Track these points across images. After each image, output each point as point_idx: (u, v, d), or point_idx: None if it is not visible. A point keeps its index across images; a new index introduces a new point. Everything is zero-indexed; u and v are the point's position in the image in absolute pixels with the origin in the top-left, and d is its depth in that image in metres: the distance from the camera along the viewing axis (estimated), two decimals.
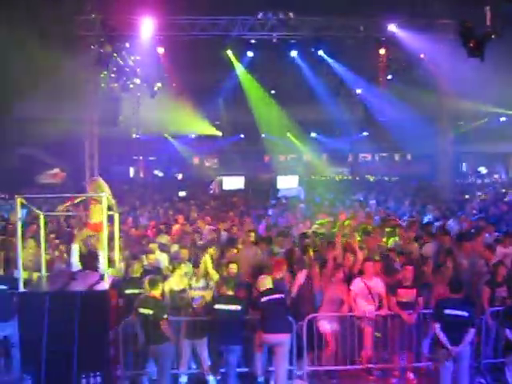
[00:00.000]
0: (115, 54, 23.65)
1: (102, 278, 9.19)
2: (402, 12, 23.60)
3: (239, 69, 30.06)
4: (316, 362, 10.10)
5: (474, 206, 20.64)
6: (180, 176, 47.02)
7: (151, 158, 45.90)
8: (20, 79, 25.10)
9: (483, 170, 47.36)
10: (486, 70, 25.09)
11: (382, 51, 25.50)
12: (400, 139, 40.51)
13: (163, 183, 39.90)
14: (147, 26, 22.38)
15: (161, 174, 47.40)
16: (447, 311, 8.71)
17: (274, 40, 23.88)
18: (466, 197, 25.40)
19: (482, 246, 12.19)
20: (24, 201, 9.15)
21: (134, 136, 38.55)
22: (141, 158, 42.86)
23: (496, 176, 44.32)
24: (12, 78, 24.82)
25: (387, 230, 14.24)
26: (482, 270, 11.22)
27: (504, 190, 28.56)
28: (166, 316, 8.83)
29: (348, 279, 10.47)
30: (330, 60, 28.50)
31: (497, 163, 46.35)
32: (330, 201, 22.98)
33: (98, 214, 9.42)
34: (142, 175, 42.59)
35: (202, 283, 10.05)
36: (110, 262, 10.19)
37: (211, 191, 32.67)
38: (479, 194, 27.18)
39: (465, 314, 8.67)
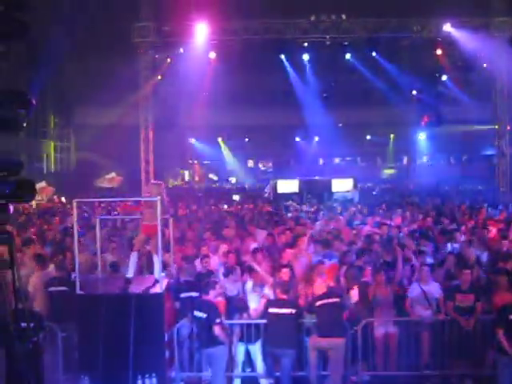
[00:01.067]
0: (170, 60, 23.97)
1: (157, 281, 9.28)
2: (458, 11, 23.20)
3: (292, 72, 29.99)
4: (372, 368, 9.98)
5: None
6: (234, 180, 47.28)
7: (205, 162, 46.33)
8: (78, 86, 25.75)
9: None
10: None
11: (438, 51, 24.98)
12: (456, 141, 39.87)
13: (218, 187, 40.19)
14: (201, 32, 22.60)
15: (215, 178, 47.74)
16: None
17: (328, 42, 23.79)
18: None
19: None
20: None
21: (188, 140, 39.02)
22: (195, 161, 43.33)
23: None
24: (71, 86, 25.47)
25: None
26: None
27: None
28: (219, 320, 8.87)
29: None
30: (383, 61, 28.20)
31: None
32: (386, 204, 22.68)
33: (152, 217, 9.49)
34: (196, 179, 43.01)
35: (258, 287, 10.07)
36: (165, 265, 10.30)
37: (266, 195, 32.69)
38: None
39: None
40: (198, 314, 9.04)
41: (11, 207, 4.96)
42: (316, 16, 23.05)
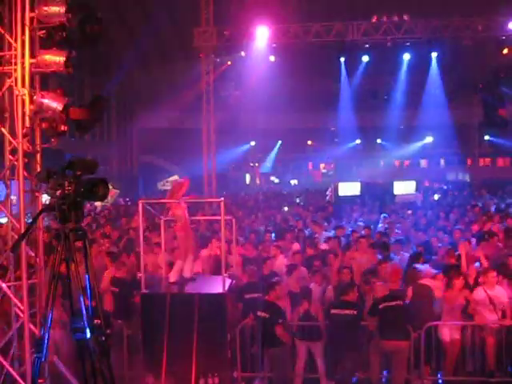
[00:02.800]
0: (231, 63, 24.23)
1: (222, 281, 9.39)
2: None
3: (353, 75, 29.87)
4: (435, 372, 9.86)
5: None
6: (295, 182, 47.25)
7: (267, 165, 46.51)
8: (142, 91, 26.27)
9: None
10: None
11: (505, 51, 24.40)
12: None
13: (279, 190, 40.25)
14: (262, 35, 22.76)
15: (277, 181, 47.83)
16: None
17: (389, 43, 23.60)
18: None
19: None
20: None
21: (250, 143, 39.27)
22: (257, 164, 43.53)
23: None
24: (135, 91, 25.99)
25: None
26: None
27: None
28: (281, 320, 8.95)
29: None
30: (441, 63, 27.83)
31: None
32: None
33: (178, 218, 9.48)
34: (258, 182, 43.19)
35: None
36: (229, 266, 10.43)
37: (327, 198, 32.57)
38: None
39: None
40: (260, 314, 9.15)
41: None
42: (377, 16, 22.92)
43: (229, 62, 24.40)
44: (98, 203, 22.32)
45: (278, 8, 22.49)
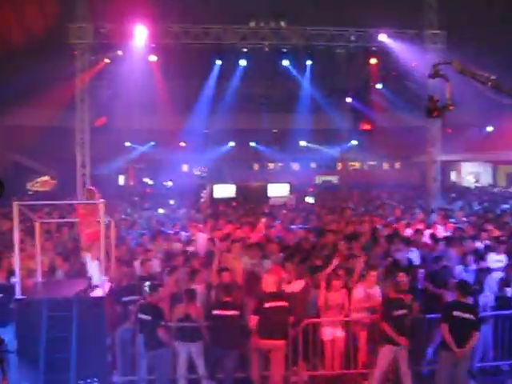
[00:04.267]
0: (107, 62, 23.70)
1: (96, 285, 9.19)
2: (393, 22, 23.92)
3: (231, 77, 30.16)
4: (312, 368, 10.18)
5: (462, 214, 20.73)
6: (169, 184, 46.95)
7: (140, 166, 45.92)
8: (11, 87, 25.09)
9: (471, 178, 47.71)
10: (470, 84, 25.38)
11: (373, 61, 25.59)
12: (389, 148, 40.85)
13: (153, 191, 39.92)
14: (140, 34, 22.46)
15: (150, 182, 47.32)
16: (456, 313, 8.92)
17: (266, 49, 24.07)
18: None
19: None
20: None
21: (125, 144, 38.58)
22: (130, 165, 42.83)
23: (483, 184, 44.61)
24: (3, 87, 24.76)
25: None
26: None
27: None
28: (163, 322, 8.92)
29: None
30: (314, 70, 28.78)
31: (484, 172, 46.72)
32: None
33: (88, 223, 9.33)
34: (131, 183, 42.53)
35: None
36: (107, 269, 10.22)
37: (202, 199, 32.66)
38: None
39: (472, 317, 8.94)
40: (142, 316, 9.06)
41: None
42: (255, 22, 23.30)
43: (106, 60, 23.81)
44: None
45: (157, 8, 22.25)
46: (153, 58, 24.47)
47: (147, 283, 9.68)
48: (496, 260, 12.09)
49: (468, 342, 8.87)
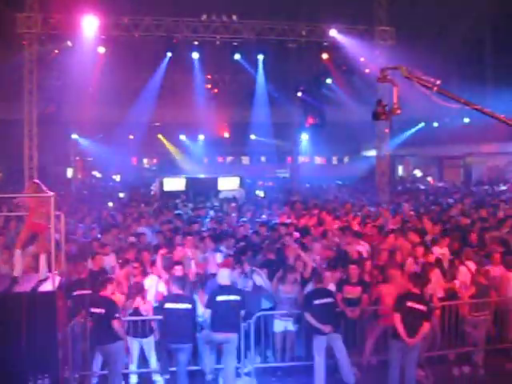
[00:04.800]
0: (56, 51, 23.25)
1: (46, 279, 9.05)
2: (344, 18, 24.20)
3: (180, 70, 29.94)
4: (263, 359, 10.31)
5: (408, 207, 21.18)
6: (118, 177, 46.59)
7: (89, 159, 45.37)
8: None
9: (418, 173, 48.75)
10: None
11: (324, 56, 25.77)
12: (339, 142, 41.32)
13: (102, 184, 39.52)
14: (90, 25, 22.10)
15: (99, 175, 46.83)
16: (409, 304, 9.12)
17: (218, 42, 24.04)
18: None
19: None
20: None
21: (72, 136, 37.97)
22: (77, 158, 42.22)
23: (429, 178, 45.64)
24: None
25: None
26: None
27: None
28: (117, 314, 8.87)
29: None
30: (267, 64, 28.87)
31: (431, 166, 47.77)
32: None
33: (39, 215, 9.17)
34: (79, 176, 41.92)
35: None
36: (56, 263, 10.08)
37: (152, 192, 32.49)
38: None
39: (422, 307, 9.15)
40: (95, 310, 8.98)
41: None
42: (207, 15, 23.22)
43: (56, 51, 23.31)
44: None
45: None
46: (101, 49, 24.08)
47: None
48: (439, 253, 12.39)
49: (418, 332, 9.06)
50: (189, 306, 9.31)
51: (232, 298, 9.45)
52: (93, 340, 9.12)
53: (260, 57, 27.42)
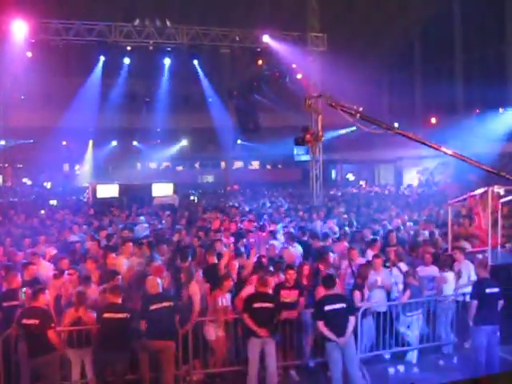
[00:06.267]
0: None
1: None
2: (277, 24, 24.44)
3: (113, 76, 29.54)
4: (203, 367, 10.26)
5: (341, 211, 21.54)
6: (49, 184, 45.63)
7: (19, 166, 44.23)
8: None
9: (351, 176, 49.62)
10: (354, 82, 26.51)
11: (260, 62, 25.90)
12: (272, 148, 41.66)
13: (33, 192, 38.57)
14: (19, 29, 21.56)
15: (29, 183, 45.73)
16: (327, 307, 9.23)
17: (151, 47, 23.87)
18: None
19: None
20: None
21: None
22: (6, 165, 40.94)
23: (362, 182, 46.52)
24: None
25: None
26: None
27: None
28: (53, 324, 8.67)
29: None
30: (201, 69, 28.89)
31: (364, 170, 48.67)
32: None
33: None
34: (9, 184, 40.72)
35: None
36: None
37: (85, 199, 31.96)
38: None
39: (343, 305, 9.31)
40: (27, 321, 8.72)
41: None
42: (140, 20, 23.02)
43: None
44: None
45: (36, 2, 21.45)
46: (29, 54, 23.51)
47: (23, 289, 9.46)
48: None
49: (346, 329, 9.23)
50: (126, 315, 9.16)
51: (164, 304, 9.40)
52: (28, 352, 8.84)
53: (195, 62, 27.35)
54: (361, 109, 8.75)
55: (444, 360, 11.00)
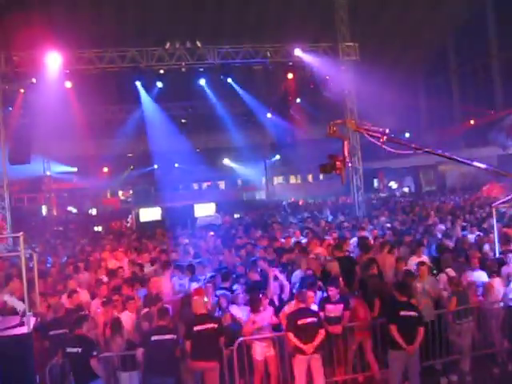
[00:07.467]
0: (22, 90, 23.01)
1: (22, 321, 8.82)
2: (306, 37, 24.37)
3: (148, 100, 29.79)
4: None
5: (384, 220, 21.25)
6: (94, 211, 46.27)
7: (64, 195, 44.97)
8: None
9: (394, 184, 48.99)
10: (389, 89, 26.22)
11: (290, 75, 25.82)
12: (311, 161, 41.42)
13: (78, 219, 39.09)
14: (54, 61, 21.95)
15: (74, 211, 46.40)
16: (402, 313, 9.19)
17: (183, 69, 24.04)
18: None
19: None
20: None
21: (45, 173, 37.56)
22: (52, 195, 41.70)
23: (405, 189, 45.91)
24: None
25: None
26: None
27: None
28: (95, 352, 8.66)
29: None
30: (238, 87, 28.93)
31: (406, 177, 48.01)
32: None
33: None
34: (55, 213, 41.36)
35: None
36: (31, 304, 9.86)
37: (128, 224, 32.28)
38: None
39: (416, 314, 9.26)
40: (71, 350, 8.74)
41: None
42: (170, 43, 23.22)
43: (22, 90, 23.02)
44: None
45: (69, 33, 21.83)
46: (68, 84, 23.90)
47: None
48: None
49: (416, 338, 9.14)
50: (173, 336, 9.13)
51: (209, 326, 9.30)
52: (72, 380, 8.86)
53: (229, 80, 27.40)
54: (387, 130, 8.51)
55: (498, 368, 10.62)
